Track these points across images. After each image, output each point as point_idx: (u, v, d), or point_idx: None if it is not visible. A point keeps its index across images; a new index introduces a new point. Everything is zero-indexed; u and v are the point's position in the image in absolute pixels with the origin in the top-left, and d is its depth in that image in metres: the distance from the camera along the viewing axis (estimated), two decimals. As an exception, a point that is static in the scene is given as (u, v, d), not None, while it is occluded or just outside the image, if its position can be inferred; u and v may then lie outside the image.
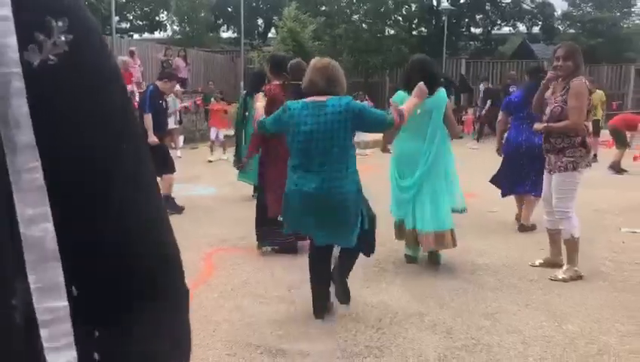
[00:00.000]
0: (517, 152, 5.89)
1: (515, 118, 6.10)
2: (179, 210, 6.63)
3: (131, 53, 14.19)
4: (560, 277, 4.41)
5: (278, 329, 3.47)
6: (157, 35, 32.03)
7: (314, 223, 3.47)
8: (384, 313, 3.77)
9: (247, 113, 6.79)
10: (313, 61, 3.57)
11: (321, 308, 3.64)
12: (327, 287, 3.70)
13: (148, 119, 6.52)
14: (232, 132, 7.62)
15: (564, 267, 4.48)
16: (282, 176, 3.65)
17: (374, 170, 7.05)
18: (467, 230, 5.77)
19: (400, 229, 4.81)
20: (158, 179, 5.83)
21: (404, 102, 4.16)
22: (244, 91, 7.10)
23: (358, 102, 3.54)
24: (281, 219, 3.79)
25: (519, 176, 6.00)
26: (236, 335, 3.42)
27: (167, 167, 6.58)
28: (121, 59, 11.20)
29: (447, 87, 5.06)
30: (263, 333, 3.46)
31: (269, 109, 4.28)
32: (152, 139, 6.49)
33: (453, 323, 3.65)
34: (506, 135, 6.28)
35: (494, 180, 6.40)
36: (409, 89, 4.24)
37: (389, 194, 4.84)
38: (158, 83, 6.83)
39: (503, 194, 6.32)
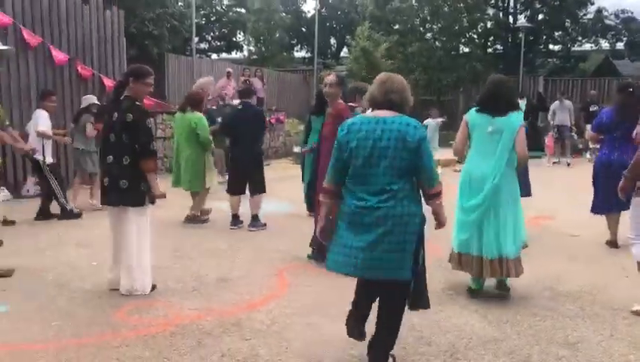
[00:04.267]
0: (607, 171, 5.69)
1: (608, 137, 5.91)
2: (263, 225, 6.88)
3: (228, 74, 14.80)
4: (633, 310, 4.16)
5: (351, 349, 3.47)
6: (234, 55, 33.09)
7: (361, 247, 3.04)
8: (458, 338, 3.70)
9: (310, 133, 7.02)
10: (378, 76, 3.37)
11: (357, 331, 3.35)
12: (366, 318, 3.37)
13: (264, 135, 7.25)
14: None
15: None
16: None
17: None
18: (545, 254, 5.58)
19: (456, 257, 4.47)
20: (253, 198, 6.24)
21: (475, 125, 4.28)
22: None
23: (426, 134, 3.12)
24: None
25: (611, 195, 5.74)
26: (309, 353, 3.46)
27: (262, 186, 6.91)
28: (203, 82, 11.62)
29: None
30: (336, 352, 3.47)
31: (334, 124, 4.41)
32: None
33: (531, 351, 3.52)
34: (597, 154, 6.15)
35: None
36: (486, 109, 4.31)
37: None
38: (249, 100, 7.13)
39: (594, 212, 6.10)
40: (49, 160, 7.15)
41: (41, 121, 7.06)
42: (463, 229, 4.40)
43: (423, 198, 3.15)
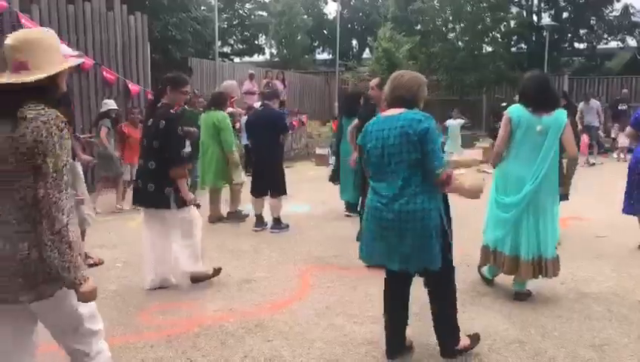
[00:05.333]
0: None
1: None
2: (286, 227, 6.91)
3: (251, 76, 14.87)
4: None
5: (373, 350, 3.46)
6: (256, 58, 33.28)
7: (386, 247, 3.15)
8: (482, 339, 3.65)
9: (343, 134, 7.05)
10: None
11: (395, 349, 3.39)
12: (404, 325, 3.41)
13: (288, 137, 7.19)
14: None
15: None
16: None
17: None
18: (571, 255, 5.49)
19: (486, 253, 4.45)
20: (272, 200, 6.25)
21: (521, 123, 4.10)
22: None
23: (433, 125, 3.06)
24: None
25: None
26: (331, 354, 3.45)
27: (282, 188, 6.87)
28: (228, 85, 11.65)
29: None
30: (358, 353, 3.47)
31: None
32: None
33: (557, 353, 3.47)
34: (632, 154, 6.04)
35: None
36: (531, 106, 4.13)
37: (483, 214, 4.61)
38: (269, 103, 7.09)
39: (625, 212, 5.96)
40: None
41: None
42: (499, 226, 4.29)
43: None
